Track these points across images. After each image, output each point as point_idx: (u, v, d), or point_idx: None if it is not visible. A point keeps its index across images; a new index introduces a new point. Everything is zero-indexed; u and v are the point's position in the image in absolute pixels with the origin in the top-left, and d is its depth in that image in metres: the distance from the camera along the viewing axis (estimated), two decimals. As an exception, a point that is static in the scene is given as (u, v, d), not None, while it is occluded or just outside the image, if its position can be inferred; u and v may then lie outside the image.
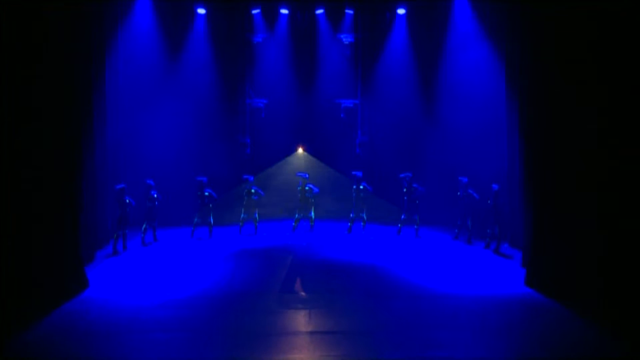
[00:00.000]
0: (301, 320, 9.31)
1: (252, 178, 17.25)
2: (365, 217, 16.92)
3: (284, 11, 18.89)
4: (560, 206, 10.77)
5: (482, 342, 8.41)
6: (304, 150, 19.90)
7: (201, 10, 18.49)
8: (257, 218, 16.76)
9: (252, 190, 16.72)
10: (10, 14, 9.61)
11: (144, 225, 15.23)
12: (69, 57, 11.53)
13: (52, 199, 10.97)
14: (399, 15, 18.87)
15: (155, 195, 15.29)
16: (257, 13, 18.80)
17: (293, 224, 16.86)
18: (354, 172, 17.13)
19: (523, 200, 12.99)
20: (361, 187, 16.80)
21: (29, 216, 10.17)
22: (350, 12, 18.86)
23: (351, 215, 16.95)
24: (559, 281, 10.56)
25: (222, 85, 19.05)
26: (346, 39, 19.07)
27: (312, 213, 16.67)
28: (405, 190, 16.29)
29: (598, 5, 10.20)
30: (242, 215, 16.71)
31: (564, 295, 10.27)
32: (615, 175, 10.05)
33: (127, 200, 14.34)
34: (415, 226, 16.26)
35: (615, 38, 9.94)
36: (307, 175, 17.01)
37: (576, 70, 10.74)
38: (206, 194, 15.99)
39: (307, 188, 16.65)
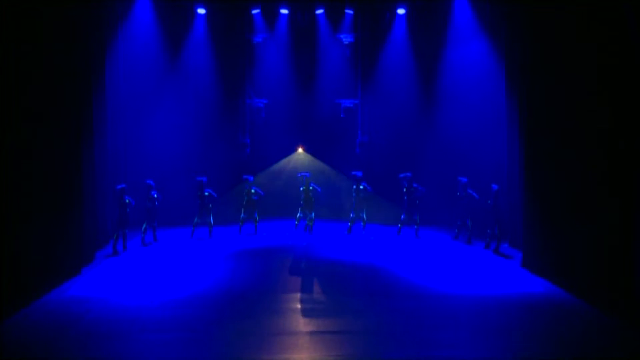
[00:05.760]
0: (301, 320, 9.31)
1: (252, 178, 17.24)
2: (365, 217, 16.91)
3: (284, 11, 18.88)
4: (555, 199, 11.34)
5: (482, 341, 8.41)
6: (304, 150, 19.89)
7: (201, 10, 18.48)
8: (257, 218, 16.77)
9: (252, 190, 16.72)
10: (9, 14, 9.61)
11: (144, 226, 15.24)
12: (68, 57, 11.55)
13: (53, 199, 10.99)
14: (399, 15, 18.85)
15: (155, 195, 15.29)
16: (257, 13, 18.80)
17: (295, 222, 16.85)
18: (354, 172, 17.11)
19: (523, 197, 13.00)
20: (361, 187, 16.78)
21: (29, 216, 10.17)
22: (350, 12, 18.84)
23: (351, 215, 16.93)
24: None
25: (222, 85, 19.06)
26: (346, 39, 19.05)
27: (313, 213, 16.64)
28: (405, 190, 16.27)
29: (598, 4, 10.20)
30: (242, 215, 16.71)
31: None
32: (611, 175, 10.10)
33: (127, 200, 14.33)
34: (415, 226, 16.24)
35: (615, 36, 9.93)
36: (309, 175, 16.99)
37: (576, 69, 10.74)
38: (206, 194, 15.98)
39: (310, 187, 16.61)
